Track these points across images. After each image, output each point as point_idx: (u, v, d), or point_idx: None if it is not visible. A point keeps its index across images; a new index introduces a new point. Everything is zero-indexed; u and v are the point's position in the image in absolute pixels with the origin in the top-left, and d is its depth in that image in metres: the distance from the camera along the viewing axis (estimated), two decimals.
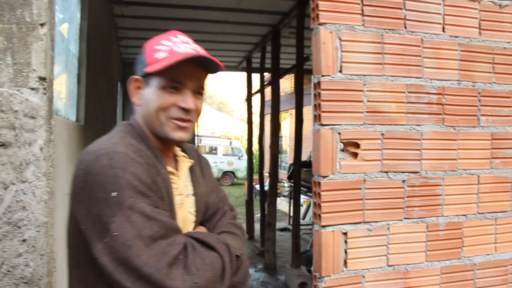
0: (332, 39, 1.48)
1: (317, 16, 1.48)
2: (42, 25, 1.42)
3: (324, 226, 1.47)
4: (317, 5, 1.48)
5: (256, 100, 8.94)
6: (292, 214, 6.53)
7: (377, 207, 1.53)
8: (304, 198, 10.02)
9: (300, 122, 5.97)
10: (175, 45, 1.12)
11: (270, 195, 6.89)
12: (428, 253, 1.59)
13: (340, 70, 1.49)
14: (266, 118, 9.17)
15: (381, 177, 1.54)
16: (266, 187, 7.73)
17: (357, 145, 1.51)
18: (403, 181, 1.57)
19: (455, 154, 1.64)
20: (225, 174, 19.73)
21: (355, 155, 1.51)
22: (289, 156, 16.07)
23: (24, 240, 1.36)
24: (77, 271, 1.07)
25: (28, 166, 1.37)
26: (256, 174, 10.01)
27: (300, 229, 6.35)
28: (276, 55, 6.88)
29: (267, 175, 7.32)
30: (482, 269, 1.67)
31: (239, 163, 19.51)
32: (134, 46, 7.83)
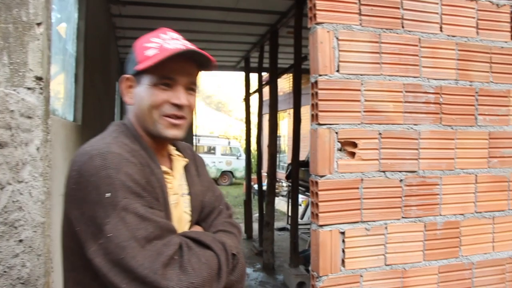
0: (330, 39, 1.48)
1: (315, 16, 1.48)
2: (39, 25, 1.41)
3: (322, 226, 1.47)
4: (315, 5, 1.47)
5: (255, 100, 8.94)
6: (291, 214, 6.53)
7: (375, 207, 1.53)
8: (303, 198, 10.03)
9: (298, 122, 5.98)
10: (165, 42, 1.12)
11: (268, 195, 6.89)
12: (426, 252, 1.59)
13: (338, 70, 1.49)
14: (265, 118, 9.18)
15: (379, 177, 1.54)
16: (265, 187, 7.73)
17: (355, 145, 1.51)
18: (401, 181, 1.57)
19: (453, 154, 1.64)
20: (224, 174, 19.74)
21: (353, 155, 1.51)
22: (288, 156, 16.08)
23: (21, 241, 1.36)
24: (72, 273, 1.06)
25: (25, 166, 1.37)
26: (255, 174, 10.02)
27: (299, 229, 6.36)
28: (274, 55, 6.88)
29: (266, 175, 7.32)
30: (480, 268, 1.67)
31: (238, 163, 19.53)
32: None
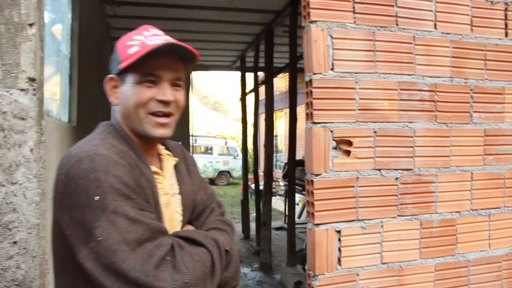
0: (324, 37, 1.48)
1: (308, 14, 1.47)
2: (31, 25, 1.40)
3: (318, 225, 1.46)
4: (308, 3, 1.47)
5: (251, 100, 8.93)
6: (288, 213, 6.53)
7: (371, 205, 1.53)
8: (300, 197, 10.02)
9: (294, 121, 5.97)
10: (147, 39, 1.10)
11: (265, 194, 6.89)
12: (422, 250, 1.59)
13: (332, 68, 1.49)
14: (261, 117, 9.16)
15: (374, 175, 1.54)
16: (262, 186, 7.73)
17: (350, 143, 1.51)
18: (396, 179, 1.57)
19: (448, 151, 1.64)
20: (221, 174, 19.72)
21: (348, 153, 1.51)
22: (284, 155, 16.08)
23: (15, 242, 1.35)
24: (64, 278, 1.05)
25: (18, 168, 1.36)
26: (252, 174, 10.01)
27: (296, 228, 6.36)
28: (270, 54, 6.88)
29: (262, 174, 7.32)
30: (476, 266, 1.68)
31: (235, 163, 19.51)
32: None
